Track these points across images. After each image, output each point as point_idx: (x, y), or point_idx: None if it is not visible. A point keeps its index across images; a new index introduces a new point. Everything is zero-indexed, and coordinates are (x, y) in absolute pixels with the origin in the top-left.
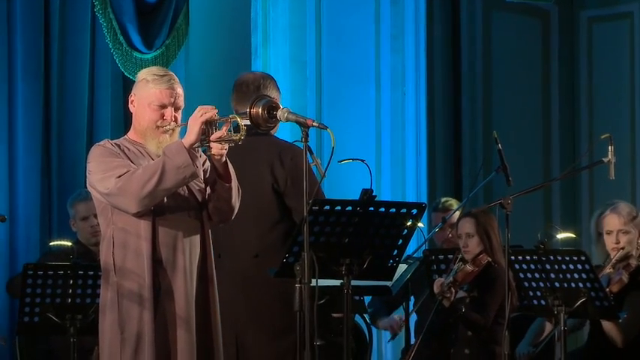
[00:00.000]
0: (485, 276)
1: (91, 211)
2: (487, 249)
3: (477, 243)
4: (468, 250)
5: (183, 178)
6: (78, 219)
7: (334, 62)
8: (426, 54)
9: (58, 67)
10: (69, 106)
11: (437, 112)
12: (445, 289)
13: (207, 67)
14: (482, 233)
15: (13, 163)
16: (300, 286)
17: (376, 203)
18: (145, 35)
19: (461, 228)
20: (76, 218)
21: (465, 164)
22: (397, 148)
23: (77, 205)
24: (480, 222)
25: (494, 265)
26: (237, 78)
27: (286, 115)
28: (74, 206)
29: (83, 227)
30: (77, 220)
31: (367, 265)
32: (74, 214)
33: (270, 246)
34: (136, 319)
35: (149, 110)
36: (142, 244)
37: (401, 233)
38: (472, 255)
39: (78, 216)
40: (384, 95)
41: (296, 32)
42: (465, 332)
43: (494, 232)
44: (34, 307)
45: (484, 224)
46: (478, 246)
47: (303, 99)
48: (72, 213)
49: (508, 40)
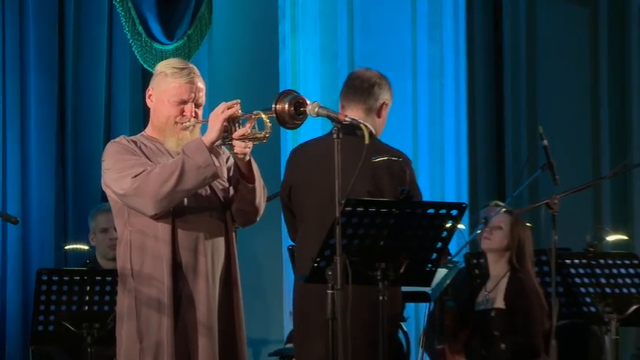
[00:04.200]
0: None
1: (111, 223)
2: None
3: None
4: (490, 239)
5: (203, 179)
6: (97, 230)
7: (368, 53)
8: (465, 43)
9: (74, 59)
10: (85, 100)
11: (478, 105)
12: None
13: (231, 59)
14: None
15: (26, 161)
16: (332, 292)
17: (413, 203)
18: (166, 25)
19: (494, 219)
20: (96, 230)
21: (509, 161)
22: (435, 144)
23: (97, 216)
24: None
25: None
26: (352, 72)
27: (316, 110)
28: (94, 218)
29: (102, 240)
30: (96, 232)
31: (404, 269)
32: (94, 226)
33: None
34: (155, 327)
35: (168, 106)
36: (160, 248)
37: (440, 235)
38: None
39: (97, 227)
40: (421, 88)
41: (327, 21)
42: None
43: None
44: (49, 316)
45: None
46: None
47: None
48: (92, 226)
49: (554, 29)
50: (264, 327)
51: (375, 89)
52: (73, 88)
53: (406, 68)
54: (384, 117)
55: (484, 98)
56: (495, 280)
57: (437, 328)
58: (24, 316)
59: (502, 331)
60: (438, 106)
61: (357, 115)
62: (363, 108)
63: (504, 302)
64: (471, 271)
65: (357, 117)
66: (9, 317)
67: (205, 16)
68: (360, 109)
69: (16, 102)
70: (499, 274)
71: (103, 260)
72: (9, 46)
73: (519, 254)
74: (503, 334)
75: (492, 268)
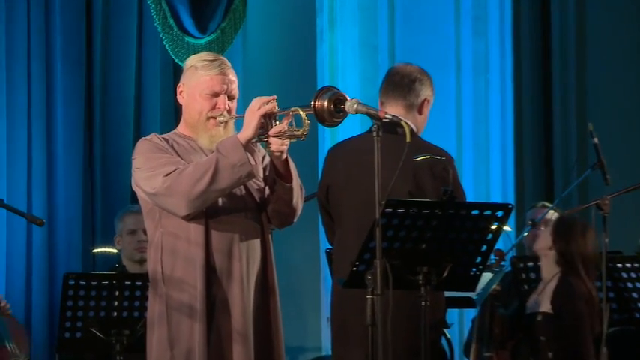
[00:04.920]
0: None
1: (140, 225)
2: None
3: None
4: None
5: (238, 178)
6: (125, 232)
7: (409, 47)
8: (512, 37)
9: (102, 54)
10: (113, 97)
11: (524, 101)
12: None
13: (266, 54)
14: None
15: (53, 161)
16: (371, 297)
17: (457, 205)
18: (198, 18)
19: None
20: (123, 232)
21: (557, 160)
22: (480, 142)
23: (125, 218)
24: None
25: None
26: (392, 67)
27: (356, 107)
28: (122, 219)
29: (129, 242)
30: (124, 233)
31: (447, 273)
32: (121, 227)
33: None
34: (187, 334)
35: (200, 100)
36: (193, 251)
37: (485, 238)
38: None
39: (125, 229)
40: (466, 84)
41: (366, 13)
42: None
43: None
44: (76, 322)
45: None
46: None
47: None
48: (119, 227)
49: (604, 21)
50: (301, 334)
51: (416, 85)
52: (101, 84)
53: (449, 63)
54: (426, 114)
55: (531, 94)
56: (544, 283)
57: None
58: (50, 322)
59: (548, 336)
60: (482, 102)
61: (397, 112)
62: (404, 104)
63: (551, 306)
64: (517, 276)
65: (398, 114)
66: (35, 323)
67: (239, 9)
68: (401, 105)
69: (42, 99)
70: (548, 275)
71: (129, 263)
72: (34, 40)
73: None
74: (549, 339)
75: (543, 269)
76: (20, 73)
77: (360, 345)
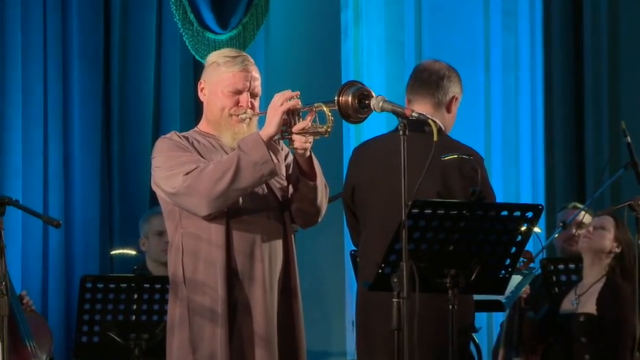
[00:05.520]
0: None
1: None
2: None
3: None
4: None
5: (260, 176)
6: (151, 233)
7: (436, 43)
8: (543, 32)
9: (120, 51)
10: (132, 95)
11: (555, 99)
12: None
13: (289, 49)
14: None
15: (69, 159)
16: (397, 300)
17: (485, 205)
18: (219, 13)
19: (595, 221)
20: (149, 233)
21: (589, 160)
22: (510, 140)
23: (152, 219)
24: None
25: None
26: (419, 64)
27: (381, 105)
28: (148, 220)
29: (156, 244)
30: (150, 235)
31: (475, 276)
32: (148, 229)
33: None
34: (208, 337)
35: (222, 97)
36: (214, 252)
37: (514, 240)
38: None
39: (152, 230)
40: (495, 81)
41: (392, 8)
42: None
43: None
44: (94, 326)
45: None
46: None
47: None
48: (145, 229)
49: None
50: (325, 338)
51: (445, 82)
52: (119, 82)
53: (478, 60)
54: (454, 112)
55: (562, 92)
56: (589, 283)
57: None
58: (67, 327)
59: (589, 338)
60: (512, 100)
61: (424, 110)
62: (432, 102)
63: (596, 307)
64: (547, 279)
65: (425, 112)
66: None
67: (262, 3)
68: (429, 103)
69: (59, 97)
70: (595, 277)
71: (155, 265)
72: (50, 36)
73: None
74: (589, 341)
75: (588, 271)
76: (36, 70)
77: (386, 350)
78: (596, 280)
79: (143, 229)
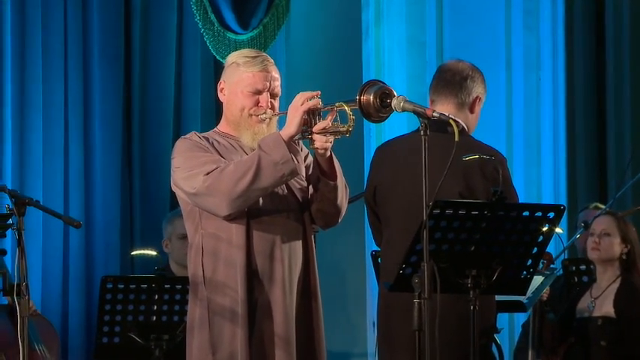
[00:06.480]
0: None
1: None
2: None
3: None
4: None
5: (281, 176)
6: (175, 237)
7: (457, 42)
8: (564, 32)
9: (141, 51)
10: (153, 95)
11: (577, 99)
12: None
13: (310, 49)
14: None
15: (90, 160)
16: (418, 301)
17: (507, 205)
18: (240, 13)
19: (598, 225)
20: (173, 236)
21: (611, 160)
22: (531, 141)
23: (175, 221)
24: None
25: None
26: (442, 64)
27: (402, 104)
28: (172, 222)
29: (179, 247)
30: (173, 238)
31: (497, 277)
32: (171, 231)
33: None
34: (228, 338)
35: (241, 97)
36: (234, 253)
37: (536, 240)
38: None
39: (175, 233)
40: (516, 81)
41: (414, 7)
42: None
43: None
44: (114, 327)
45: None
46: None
47: (421, 86)
48: (168, 231)
49: None
50: (346, 339)
51: (468, 82)
52: (139, 82)
53: (499, 59)
54: (478, 112)
55: (584, 92)
56: (604, 286)
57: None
58: (87, 327)
59: (609, 340)
60: (534, 100)
61: (448, 111)
62: (455, 103)
63: (614, 309)
64: (569, 279)
65: (449, 112)
66: (71, 328)
67: (282, 4)
68: (452, 103)
69: (79, 97)
70: (609, 278)
71: (178, 267)
72: (71, 36)
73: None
74: (610, 344)
75: (601, 275)
76: (56, 70)
77: (407, 351)
78: (611, 281)
79: (166, 230)
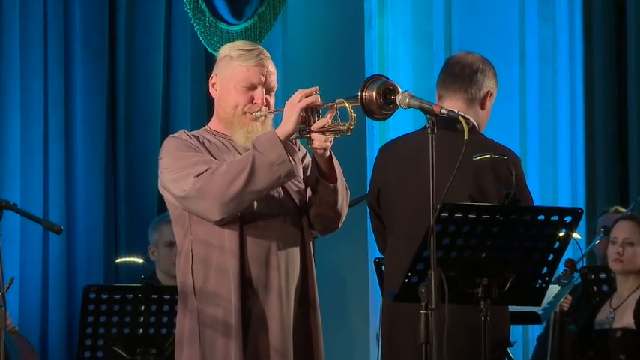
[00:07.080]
0: None
1: None
2: None
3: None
4: (622, 261)
5: (277, 178)
6: (162, 244)
7: (467, 34)
8: (582, 22)
9: (126, 43)
10: (139, 90)
11: (596, 94)
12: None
13: (309, 41)
14: None
15: (71, 160)
16: (425, 312)
17: (520, 209)
18: (233, 2)
19: (618, 232)
20: (159, 243)
21: (632, 160)
22: (547, 139)
23: (162, 227)
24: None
25: None
26: (450, 57)
27: (408, 100)
28: (158, 228)
29: (166, 255)
30: (160, 245)
31: (509, 286)
32: (157, 237)
33: None
34: (220, 352)
35: (235, 93)
36: (226, 260)
37: (552, 246)
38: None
39: (162, 240)
40: (531, 75)
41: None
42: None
43: None
44: (97, 340)
45: None
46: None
47: (428, 79)
48: (154, 237)
49: None
50: (347, 352)
51: (479, 76)
52: (125, 76)
53: (512, 52)
54: (489, 108)
55: (604, 86)
56: (625, 295)
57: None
58: (69, 340)
59: (629, 354)
60: (549, 96)
61: (457, 107)
62: (465, 98)
63: (634, 320)
64: (587, 288)
65: (458, 108)
66: (51, 341)
67: None
68: (461, 99)
69: (60, 93)
70: (630, 287)
71: (165, 277)
72: (51, 26)
73: None
74: (630, 357)
75: (622, 284)
76: (35, 63)
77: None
78: (632, 290)
79: (152, 237)
